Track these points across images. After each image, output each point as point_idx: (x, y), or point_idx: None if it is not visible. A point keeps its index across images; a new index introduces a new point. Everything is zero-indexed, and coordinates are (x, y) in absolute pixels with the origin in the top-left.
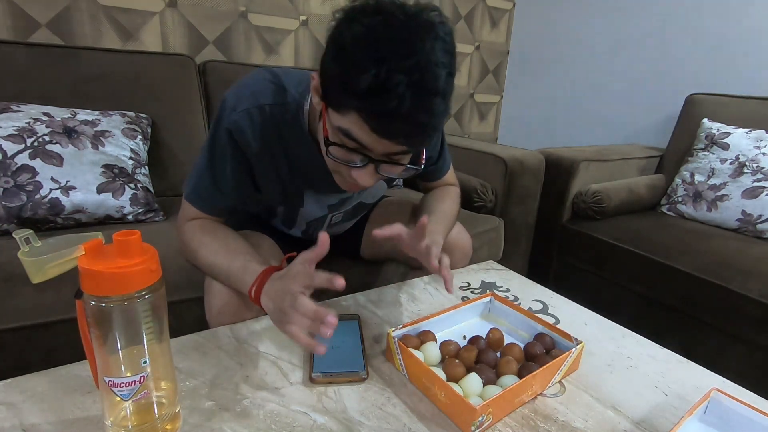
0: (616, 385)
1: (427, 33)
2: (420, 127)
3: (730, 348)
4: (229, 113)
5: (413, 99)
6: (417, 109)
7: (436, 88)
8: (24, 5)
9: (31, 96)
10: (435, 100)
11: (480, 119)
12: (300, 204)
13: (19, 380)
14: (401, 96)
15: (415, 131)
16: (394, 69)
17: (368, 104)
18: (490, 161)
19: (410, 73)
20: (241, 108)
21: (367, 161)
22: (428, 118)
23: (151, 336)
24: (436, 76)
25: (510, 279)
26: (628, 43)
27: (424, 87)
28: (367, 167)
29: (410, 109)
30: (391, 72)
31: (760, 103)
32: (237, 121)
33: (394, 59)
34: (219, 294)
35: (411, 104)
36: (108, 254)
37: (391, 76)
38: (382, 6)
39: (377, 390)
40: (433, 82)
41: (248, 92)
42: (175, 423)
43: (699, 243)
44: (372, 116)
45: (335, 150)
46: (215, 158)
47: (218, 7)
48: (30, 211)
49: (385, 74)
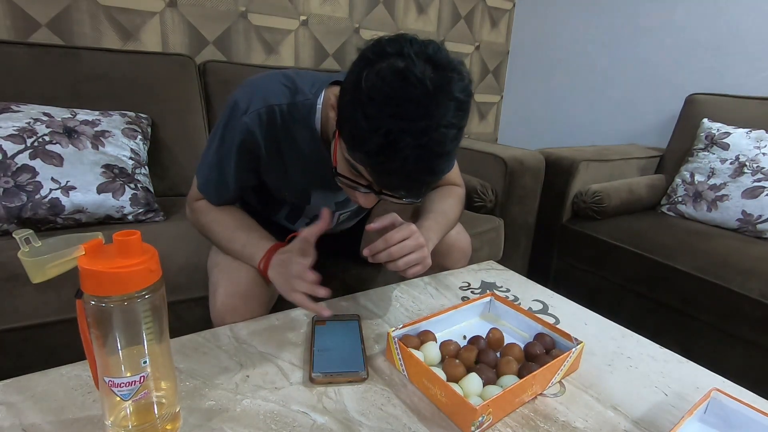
0: (616, 385)
1: (445, 95)
2: (420, 183)
3: (730, 348)
4: (240, 116)
5: (417, 160)
6: (419, 169)
7: (441, 150)
8: (24, 5)
9: (31, 96)
10: (438, 160)
11: (480, 119)
12: (306, 201)
13: (19, 380)
14: (406, 158)
15: (415, 186)
16: (404, 131)
17: (374, 161)
18: (490, 161)
19: (419, 136)
20: (252, 110)
21: (370, 191)
22: (429, 176)
23: (151, 336)
24: (444, 139)
25: (510, 279)
26: (628, 43)
27: (430, 149)
28: (371, 195)
29: (413, 169)
30: (401, 134)
31: (760, 103)
32: (247, 124)
33: (405, 121)
34: (224, 292)
35: (414, 165)
36: (108, 254)
37: (399, 138)
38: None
39: (377, 390)
40: (440, 145)
41: (260, 94)
42: (175, 423)
43: (699, 243)
44: (375, 172)
45: (343, 180)
46: (223, 158)
47: (218, 7)
48: (30, 211)
49: (395, 136)
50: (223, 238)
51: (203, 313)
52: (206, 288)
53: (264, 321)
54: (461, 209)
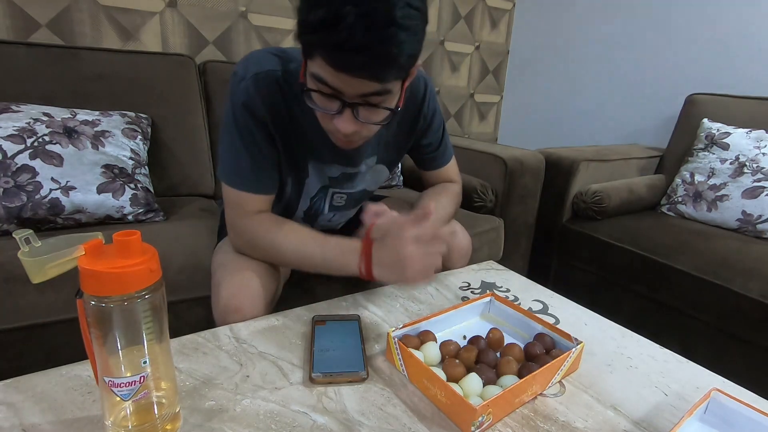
0: (616, 385)
1: None
2: (376, 58)
3: (730, 348)
4: (239, 83)
5: (365, 30)
6: (370, 40)
7: (389, 18)
8: (24, 5)
9: (31, 96)
10: (389, 30)
11: (480, 119)
12: (306, 174)
13: (19, 380)
14: (351, 27)
15: (372, 63)
16: (341, 2)
17: (322, 38)
18: (490, 161)
19: (359, 3)
20: (250, 74)
21: (342, 107)
22: (384, 47)
23: (151, 336)
24: (390, 6)
25: (510, 279)
26: (628, 43)
27: (375, 17)
28: (345, 113)
29: (362, 40)
30: (342, 4)
31: (760, 103)
32: (247, 89)
33: None
34: (227, 291)
35: (363, 35)
36: (108, 254)
37: (340, 8)
38: None
39: (377, 390)
40: (385, 12)
41: (254, 61)
42: (175, 423)
43: (699, 243)
44: (327, 51)
45: (313, 97)
46: (244, 136)
47: (218, 7)
48: (30, 212)
49: (336, 6)
50: (295, 256)
51: (203, 313)
52: (207, 288)
53: (264, 321)
54: (456, 206)
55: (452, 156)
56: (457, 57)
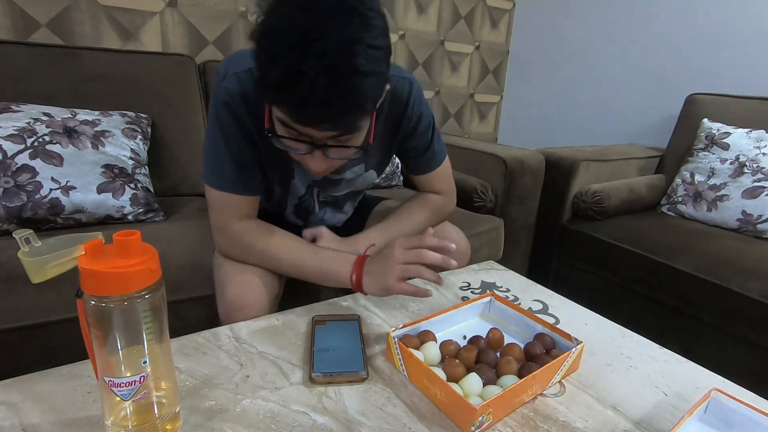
0: (616, 385)
1: (342, 11)
2: (340, 111)
3: (730, 348)
4: (220, 82)
5: (327, 85)
6: (333, 93)
7: (352, 69)
8: (24, 5)
9: (31, 96)
10: (352, 80)
11: (480, 119)
12: (291, 176)
13: (19, 380)
14: (313, 83)
15: (336, 115)
16: (304, 55)
17: (283, 96)
18: (490, 161)
19: (320, 57)
20: (230, 73)
21: (312, 148)
22: (347, 100)
23: (151, 336)
24: (350, 55)
25: (510, 279)
26: (628, 43)
27: (337, 69)
28: (315, 153)
29: (325, 94)
30: (302, 59)
31: (760, 103)
32: (228, 88)
33: (302, 46)
34: (233, 289)
35: (325, 90)
36: (108, 254)
37: (301, 64)
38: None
39: (377, 390)
40: (347, 63)
41: (236, 59)
42: (175, 423)
43: (699, 243)
44: (289, 107)
45: (281, 140)
46: (226, 136)
47: (218, 7)
48: (30, 211)
49: (296, 63)
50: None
51: (203, 313)
52: (207, 287)
53: (264, 321)
54: (430, 217)
55: (443, 162)
56: (457, 57)
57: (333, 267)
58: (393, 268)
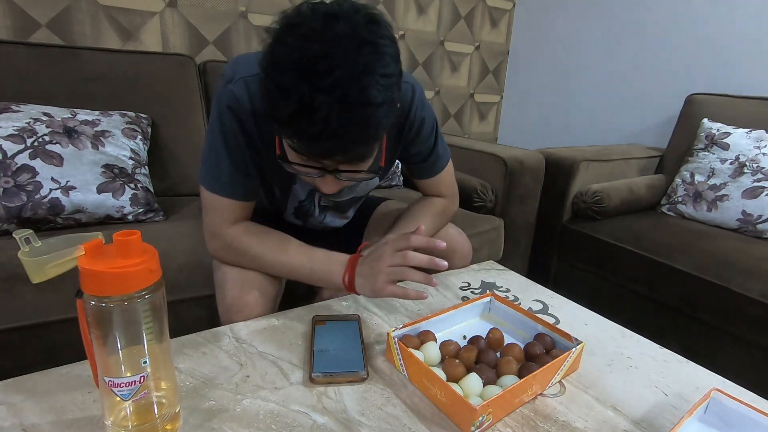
0: (616, 385)
1: (352, 42)
2: (353, 142)
3: (730, 348)
4: (225, 86)
5: (340, 117)
6: (346, 127)
7: (364, 101)
8: (24, 5)
9: (31, 96)
10: (366, 111)
11: (480, 119)
12: (293, 181)
13: (19, 380)
14: (326, 117)
15: (349, 147)
16: (316, 90)
17: (295, 131)
18: (490, 161)
19: (331, 91)
20: (237, 77)
21: (323, 173)
22: (360, 131)
23: (151, 336)
24: (363, 87)
25: (510, 279)
26: (628, 43)
27: (350, 102)
28: (326, 177)
29: (339, 127)
30: (314, 94)
31: (760, 103)
32: (233, 92)
33: (313, 80)
34: (233, 288)
35: (339, 122)
36: (108, 254)
37: (314, 98)
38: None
39: (377, 390)
40: (360, 95)
41: (242, 64)
42: (175, 423)
43: (699, 243)
44: (302, 142)
45: (292, 164)
46: (226, 140)
47: (218, 7)
48: (30, 211)
49: (308, 97)
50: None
51: (203, 313)
52: (207, 287)
53: (264, 321)
54: (441, 223)
55: (446, 166)
56: (457, 57)
57: (325, 269)
58: (382, 270)
